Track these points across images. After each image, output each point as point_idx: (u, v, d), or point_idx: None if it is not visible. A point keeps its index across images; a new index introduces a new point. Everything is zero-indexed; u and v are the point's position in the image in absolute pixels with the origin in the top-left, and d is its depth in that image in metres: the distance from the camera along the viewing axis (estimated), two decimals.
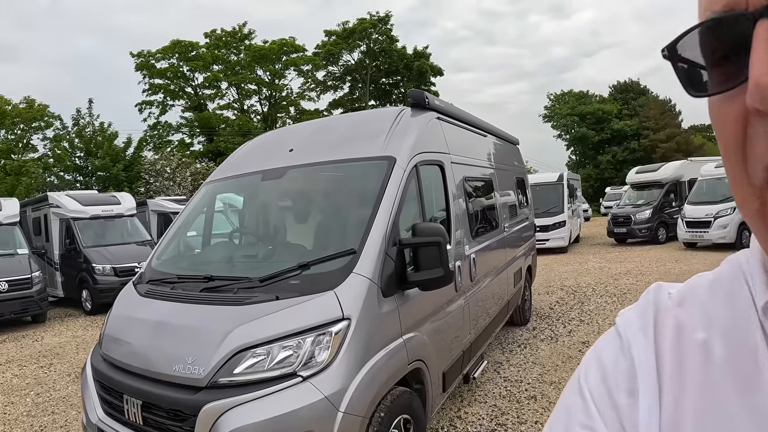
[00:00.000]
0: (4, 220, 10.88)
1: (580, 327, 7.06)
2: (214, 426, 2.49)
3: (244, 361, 2.63)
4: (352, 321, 2.77)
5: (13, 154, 20.72)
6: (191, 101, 41.52)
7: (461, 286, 4.09)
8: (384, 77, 47.77)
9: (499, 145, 6.64)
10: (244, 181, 4.35)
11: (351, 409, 2.60)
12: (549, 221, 15.79)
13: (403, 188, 3.39)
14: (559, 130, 55.31)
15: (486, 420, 4.34)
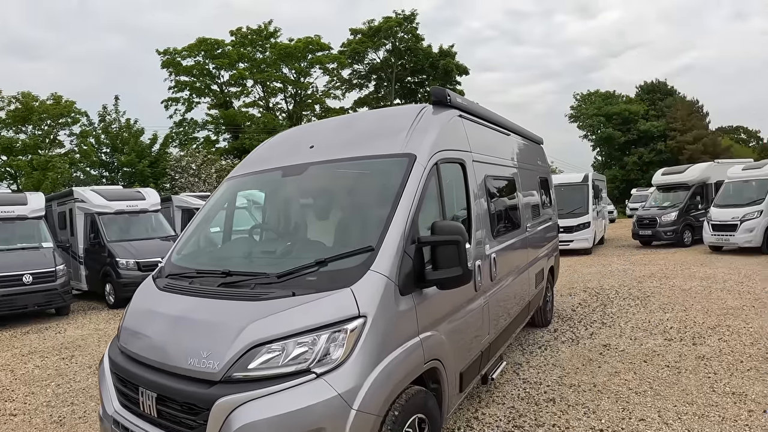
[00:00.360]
0: (29, 214, 11.13)
1: (602, 330, 6.91)
2: (227, 420, 2.49)
3: (258, 356, 2.62)
4: (368, 319, 2.73)
5: (40, 149, 21.23)
6: (217, 99, 42.03)
7: (481, 285, 4.02)
8: (409, 76, 47.75)
9: (523, 144, 6.53)
10: (264, 177, 4.32)
11: (364, 407, 2.57)
12: (573, 222, 15.55)
13: (423, 186, 3.34)
14: (585, 131, 54.60)
15: (503, 422, 4.26)
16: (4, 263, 9.83)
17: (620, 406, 4.41)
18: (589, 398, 4.62)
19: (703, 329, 6.55)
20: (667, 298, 8.55)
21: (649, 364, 5.38)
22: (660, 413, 4.20)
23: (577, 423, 4.14)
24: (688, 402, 4.38)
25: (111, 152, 27.18)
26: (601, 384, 4.93)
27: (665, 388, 4.72)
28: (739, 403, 4.27)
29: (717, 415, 4.09)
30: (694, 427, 3.92)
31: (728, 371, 5.03)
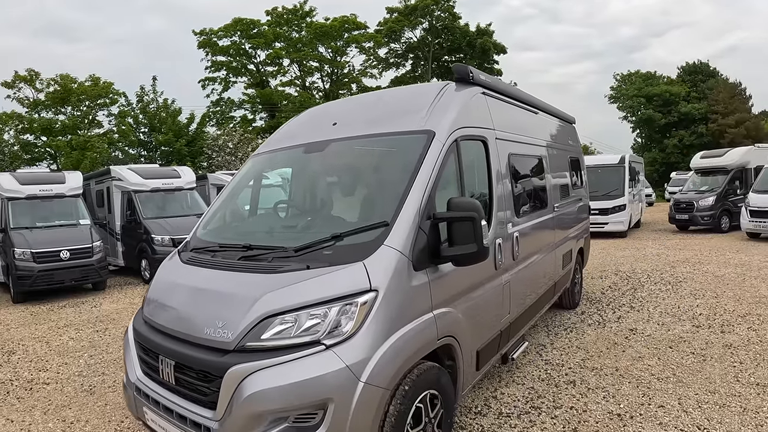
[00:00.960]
0: (67, 192, 11.53)
1: (630, 314, 6.76)
2: (238, 388, 2.55)
3: (271, 327, 2.67)
4: (379, 293, 2.75)
5: (79, 129, 21.90)
6: (253, 78, 42.38)
7: (501, 264, 3.97)
8: (446, 55, 47.10)
9: (553, 123, 6.37)
10: (287, 154, 4.36)
11: (372, 380, 2.60)
12: (609, 204, 15.17)
13: (441, 163, 3.31)
14: (625, 112, 52.95)
15: (521, 402, 4.24)
16: (43, 240, 10.25)
17: (641, 391, 4.32)
18: (609, 382, 4.54)
19: (733, 317, 6.32)
20: (699, 284, 8.28)
21: (675, 351, 5.24)
22: (680, 401, 4.10)
23: (595, 406, 4.07)
24: (710, 391, 4.26)
25: (149, 132, 27.83)
26: (623, 368, 4.84)
27: (688, 375, 4.61)
28: (762, 395, 4.12)
29: (738, 406, 3.96)
30: (713, 416, 3.82)
31: (754, 361, 4.85)
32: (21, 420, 4.54)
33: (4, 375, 5.82)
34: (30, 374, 5.80)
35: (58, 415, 4.60)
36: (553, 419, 3.90)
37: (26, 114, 21.59)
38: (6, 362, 6.29)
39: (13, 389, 5.34)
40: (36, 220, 10.83)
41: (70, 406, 4.78)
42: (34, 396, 5.12)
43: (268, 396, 2.52)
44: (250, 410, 2.52)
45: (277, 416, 2.54)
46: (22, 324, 8.31)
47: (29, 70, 21.47)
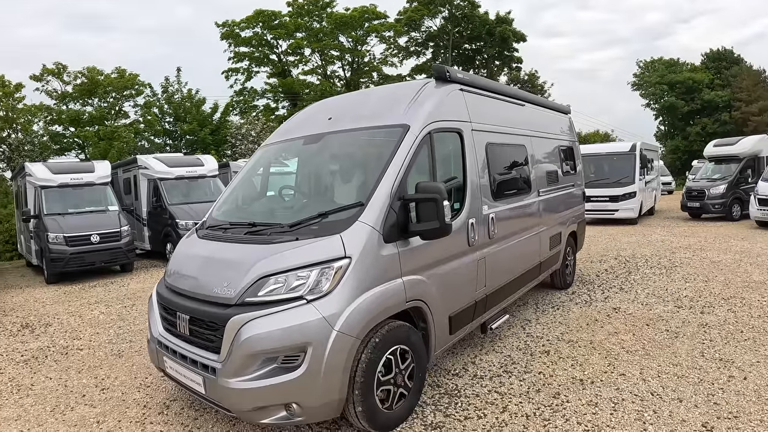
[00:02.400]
0: (96, 181, 12.31)
1: (617, 294, 7.12)
2: (238, 333, 3.16)
3: (266, 285, 3.28)
4: (352, 259, 3.32)
5: (106, 120, 22.82)
6: (275, 68, 43.06)
7: (475, 241, 4.43)
8: (467, 43, 47.01)
9: (540, 114, 6.75)
10: (290, 145, 5.00)
11: (344, 329, 3.17)
12: (619, 191, 15.36)
13: (413, 152, 3.83)
14: (648, 99, 52.09)
15: (496, 367, 4.70)
16: (74, 225, 11.03)
17: (608, 361, 4.69)
18: (581, 353, 4.94)
19: (717, 299, 6.60)
20: (694, 269, 8.55)
21: (651, 328, 5.59)
22: (642, 371, 4.43)
23: (562, 372, 4.49)
24: (673, 363, 4.56)
25: (174, 121, 28.70)
26: (597, 342, 5.23)
27: (657, 349, 4.92)
28: (722, 369, 4.40)
29: (696, 377, 4.25)
30: (669, 384, 4.13)
31: (724, 339, 5.12)
32: (58, 377, 5.23)
33: (42, 343, 6.53)
34: (65, 342, 6.50)
35: (91, 374, 5.28)
36: (521, 381, 4.35)
37: (55, 106, 22.66)
38: (43, 333, 7.01)
39: (50, 354, 6.05)
40: (68, 207, 11.60)
41: (102, 367, 5.46)
42: (69, 359, 5.81)
43: (260, 339, 3.11)
44: (246, 351, 3.12)
45: (267, 357, 3.14)
46: (56, 301, 9.09)
47: (57, 63, 22.55)
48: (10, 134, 20.23)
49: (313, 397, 3.15)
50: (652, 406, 3.77)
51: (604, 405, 3.83)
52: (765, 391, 3.94)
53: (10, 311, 8.47)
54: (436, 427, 3.65)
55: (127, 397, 4.62)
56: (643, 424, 3.53)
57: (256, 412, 3.19)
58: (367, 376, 3.31)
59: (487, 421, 3.67)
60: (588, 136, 47.07)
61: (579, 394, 4.04)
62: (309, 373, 3.09)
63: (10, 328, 7.38)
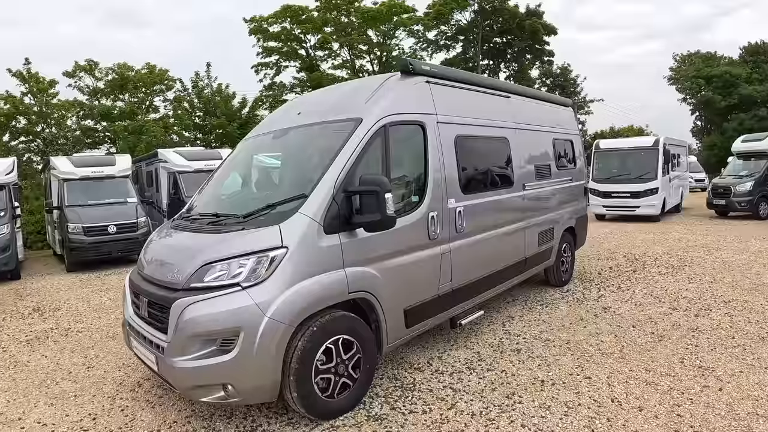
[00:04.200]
0: (117, 174, 12.73)
1: (613, 293, 6.90)
2: (180, 315, 3.31)
3: (211, 272, 3.40)
4: (289, 249, 3.39)
5: (135, 115, 23.56)
6: (303, 62, 43.40)
7: (437, 235, 4.39)
8: (497, 36, 46.23)
9: (531, 107, 6.58)
10: (263, 139, 5.16)
11: (275, 316, 3.25)
12: (640, 188, 14.89)
13: (364, 145, 3.85)
14: (684, 94, 50.12)
15: (460, 363, 4.64)
16: (93, 216, 11.43)
17: (578, 363, 4.51)
18: (553, 353, 4.79)
19: (717, 302, 6.28)
20: (702, 269, 8.19)
21: (636, 330, 5.36)
22: (611, 375, 4.21)
23: (525, 372, 4.36)
24: (646, 369, 4.32)
25: (204, 116, 29.29)
26: (574, 342, 5.06)
27: (634, 353, 4.68)
28: (699, 377, 4.12)
29: (667, 385, 3.98)
30: (634, 391, 3.90)
31: (712, 345, 4.83)
32: (53, 356, 5.56)
33: (47, 325, 6.86)
34: (68, 325, 6.83)
35: (82, 354, 5.57)
36: (480, 379, 4.28)
37: (87, 101, 23.56)
38: (51, 316, 7.36)
39: (51, 335, 6.37)
40: (88, 199, 12.01)
41: (94, 348, 5.76)
42: (67, 340, 6.12)
43: (197, 321, 3.26)
44: (186, 332, 3.28)
45: (206, 339, 3.28)
46: (70, 288, 9.49)
47: (88, 60, 23.43)
48: (44, 129, 21.20)
49: (245, 380, 3.26)
50: (607, 414, 3.58)
51: (557, 409, 3.69)
52: (738, 405, 3.63)
53: (26, 296, 8.89)
54: (378, 419, 3.64)
55: (108, 375, 4.89)
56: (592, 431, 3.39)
57: (196, 390, 3.36)
58: (304, 364, 3.36)
59: (429, 417, 3.64)
60: (621, 130, 45.64)
61: (534, 395, 3.92)
62: (241, 356, 3.19)
63: (22, 311, 7.76)
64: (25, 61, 21.04)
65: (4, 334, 6.50)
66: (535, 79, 45.81)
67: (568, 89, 44.91)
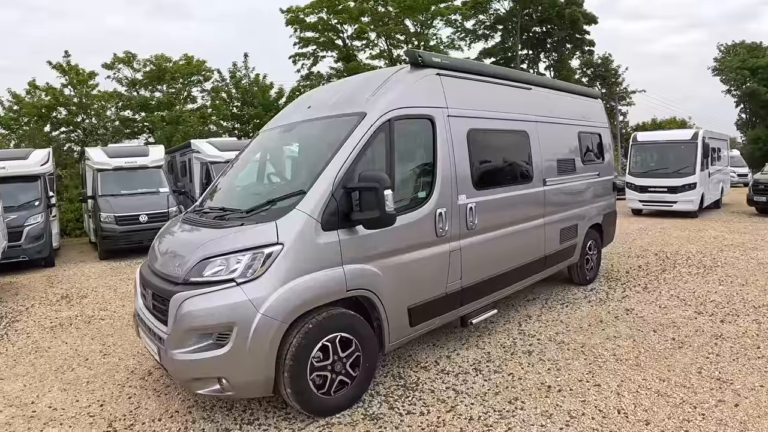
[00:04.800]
0: (149, 164, 13.00)
1: (638, 294, 6.62)
2: (178, 309, 3.33)
3: (210, 267, 3.42)
4: (285, 246, 3.36)
5: (173, 105, 24.09)
6: (340, 53, 43.43)
7: (445, 232, 4.27)
8: (536, 26, 45.14)
9: (554, 99, 6.34)
10: (274, 133, 5.16)
11: (269, 312, 3.24)
12: (677, 182, 14.28)
13: (366, 140, 3.78)
14: (728, 85, 47.86)
15: (468, 363, 4.53)
16: (125, 205, 11.73)
17: (589, 369, 4.31)
18: (566, 356, 4.62)
19: (747, 307, 5.92)
20: (736, 270, 7.76)
21: (657, 334, 5.09)
22: (621, 383, 4.01)
23: (534, 376, 4.20)
24: (661, 378, 4.08)
25: (241, 106, 29.68)
26: (590, 345, 4.86)
27: (651, 360, 4.45)
28: (715, 390, 3.85)
29: (680, 397, 3.75)
30: (643, 403, 3.69)
31: (734, 355, 4.52)
32: (73, 342, 5.74)
33: (72, 312, 7.09)
34: (92, 312, 7.03)
35: (101, 341, 5.74)
36: (485, 381, 4.15)
37: (125, 92, 24.23)
38: (77, 303, 7.60)
39: (75, 322, 6.57)
40: (121, 188, 12.33)
41: (113, 335, 5.92)
42: (89, 327, 6.31)
43: (193, 315, 3.28)
44: (182, 326, 3.31)
45: (203, 332, 3.30)
46: (100, 276, 9.79)
47: (126, 52, 24.08)
48: (84, 119, 21.93)
49: (239, 374, 3.27)
50: (611, 426, 3.38)
51: (559, 417, 3.52)
52: (754, 423, 3.36)
53: (57, 283, 9.22)
54: (374, 419, 3.59)
55: (121, 363, 5.02)
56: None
57: (193, 383, 3.40)
58: (298, 361, 3.34)
59: (426, 419, 3.55)
60: (663, 122, 43.93)
61: (538, 401, 3.77)
62: (234, 351, 3.21)
63: (51, 298, 8.05)
64: (64, 54, 21.77)
65: (30, 320, 6.75)
66: (576, 69, 44.57)
67: (609, 80, 43.53)
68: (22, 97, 20.90)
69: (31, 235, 10.37)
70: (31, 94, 21.17)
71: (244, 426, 3.60)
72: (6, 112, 20.58)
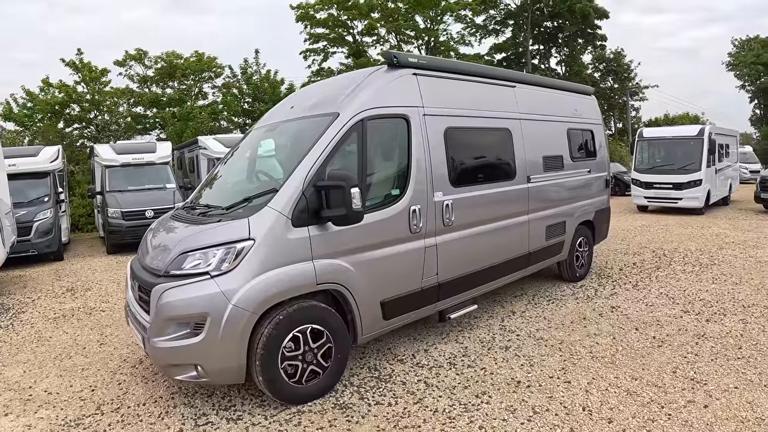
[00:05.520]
0: (157, 160, 13.28)
1: (627, 292, 6.65)
2: (158, 299, 3.53)
3: (188, 260, 3.61)
4: (256, 241, 3.53)
5: (184, 102, 24.48)
6: (350, 48, 43.56)
7: (419, 229, 4.38)
8: (547, 20, 44.75)
9: (541, 96, 6.39)
10: (259, 132, 5.34)
11: (240, 303, 3.42)
12: (683, 179, 14.20)
13: (338, 140, 3.93)
14: (742, 80, 47.02)
15: (444, 357, 4.64)
16: (132, 201, 12.01)
17: (563, 365, 4.36)
18: (542, 352, 4.68)
19: (736, 307, 5.89)
20: (731, 269, 7.73)
21: (638, 333, 5.11)
22: (592, 381, 4.05)
23: (506, 371, 4.27)
24: (633, 377, 4.09)
25: (252, 102, 29.96)
26: (568, 342, 4.92)
27: (627, 359, 4.47)
28: (687, 390, 3.83)
29: (649, 397, 3.75)
30: (609, 401, 3.72)
31: (714, 355, 4.50)
32: (73, 332, 6.01)
33: (76, 304, 7.35)
34: (94, 304, 7.29)
35: (99, 331, 5.99)
36: (457, 375, 4.26)
37: (137, 89, 24.67)
38: (81, 296, 7.86)
39: (76, 313, 6.84)
40: (128, 184, 12.62)
41: (111, 326, 6.18)
42: (90, 318, 6.58)
43: (172, 305, 3.48)
44: (162, 315, 3.52)
45: (180, 321, 3.50)
46: (106, 269, 10.08)
47: (138, 50, 24.47)
48: (97, 115, 22.39)
49: (212, 361, 3.46)
50: (572, 423, 3.42)
51: (522, 412, 3.59)
52: (720, 426, 3.32)
53: (64, 276, 9.52)
54: (344, 407, 3.73)
55: (116, 352, 5.25)
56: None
57: (172, 368, 3.60)
58: (269, 350, 3.51)
59: (392, 410, 3.68)
60: (676, 118, 43.27)
61: (505, 396, 3.85)
62: (207, 340, 3.39)
63: (57, 290, 8.33)
64: (77, 51, 22.23)
65: (35, 312, 7.02)
66: (588, 65, 44.09)
67: (621, 75, 43.00)
68: (36, 94, 21.38)
69: (40, 230, 10.69)
70: (45, 91, 21.66)
71: (220, 411, 3.77)
72: (20, 109, 21.07)
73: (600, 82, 44.66)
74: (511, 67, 43.39)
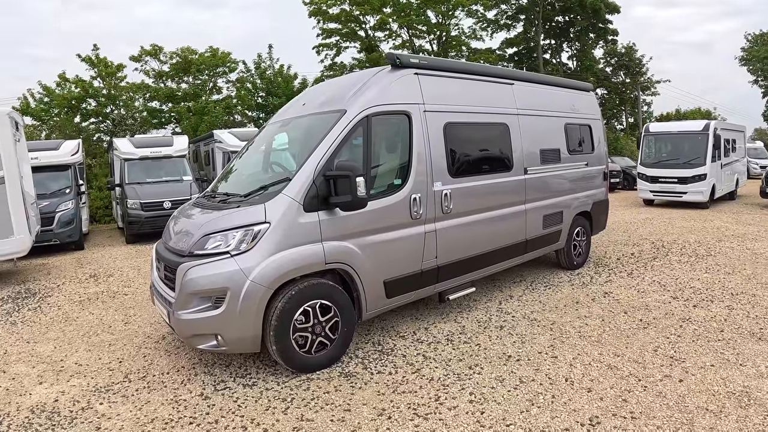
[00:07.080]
0: (174, 154, 13.77)
1: (621, 279, 6.97)
2: (183, 276, 3.95)
3: (209, 242, 4.03)
4: (271, 224, 3.95)
5: (199, 96, 24.98)
6: (363, 43, 43.87)
7: (420, 215, 4.77)
8: (559, 15, 44.69)
9: (539, 92, 6.72)
10: (274, 127, 5.75)
11: (256, 279, 3.84)
12: (687, 173, 14.39)
13: (346, 134, 4.33)
14: (756, 75, 46.45)
15: (442, 335, 5.02)
16: (150, 192, 12.52)
17: (552, 343, 4.69)
18: (534, 332, 5.02)
19: (724, 294, 6.15)
20: (726, 260, 7.99)
21: (626, 316, 5.41)
22: (577, 357, 4.36)
23: (498, 347, 4.64)
24: (616, 354, 4.38)
25: (266, 96, 30.41)
26: (560, 323, 5.26)
27: (612, 338, 4.76)
28: (665, 367, 4.10)
29: (628, 371, 4.04)
30: (591, 373, 4.02)
31: (695, 337, 4.75)
32: (98, 314, 6.46)
33: (99, 288, 7.83)
34: (117, 289, 7.77)
35: (123, 312, 6.45)
36: (454, 350, 4.64)
37: (152, 84, 25.21)
38: (104, 281, 8.34)
39: (101, 297, 7.31)
40: (146, 177, 13.14)
41: (134, 308, 6.63)
42: (113, 301, 7.04)
43: (194, 281, 3.90)
44: (186, 290, 3.93)
45: (203, 296, 3.91)
46: (126, 258, 10.58)
47: (153, 45, 24.98)
48: (113, 110, 22.96)
49: (231, 331, 3.87)
50: (554, 391, 3.75)
51: (510, 382, 3.94)
52: (691, 397, 3.59)
53: (86, 264, 10.03)
54: (348, 376, 4.13)
55: (140, 330, 5.70)
56: (531, 405, 3.56)
57: (194, 338, 4.01)
58: (282, 322, 3.93)
59: (392, 378, 4.07)
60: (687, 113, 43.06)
61: (495, 368, 4.21)
62: (228, 312, 3.81)
63: (80, 277, 8.83)
64: (93, 47, 22.78)
65: (61, 296, 7.50)
66: (599, 59, 43.97)
67: (633, 69, 42.84)
68: (53, 89, 21.98)
69: (62, 221, 11.21)
70: (62, 86, 22.24)
71: (237, 378, 4.19)
72: (37, 104, 21.67)
73: (611, 76, 44.50)
74: (523, 62, 43.43)
